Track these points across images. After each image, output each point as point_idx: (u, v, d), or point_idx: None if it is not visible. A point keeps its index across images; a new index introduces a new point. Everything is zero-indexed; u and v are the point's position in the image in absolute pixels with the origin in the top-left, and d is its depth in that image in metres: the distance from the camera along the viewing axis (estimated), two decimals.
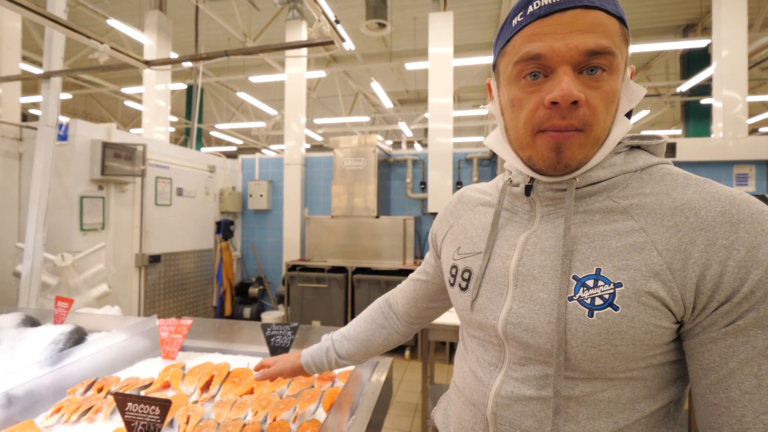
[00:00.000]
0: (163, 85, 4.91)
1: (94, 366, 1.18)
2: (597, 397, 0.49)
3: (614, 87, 0.48)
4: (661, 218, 0.47)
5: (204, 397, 1.04)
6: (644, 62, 7.61)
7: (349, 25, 5.90)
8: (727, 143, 3.75)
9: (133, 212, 3.40)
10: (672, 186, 0.49)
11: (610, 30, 0.46)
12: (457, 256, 0.64)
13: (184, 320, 1.32)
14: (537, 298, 0.51)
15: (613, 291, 0.46)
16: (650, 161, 0.52)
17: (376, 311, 0.89)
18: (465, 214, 0.69)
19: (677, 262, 0.44)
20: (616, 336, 0.46)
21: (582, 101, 0.46)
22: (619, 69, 0.48)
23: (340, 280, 3.86)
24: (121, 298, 3.26)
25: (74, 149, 2.87)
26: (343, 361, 0.88)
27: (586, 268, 0.49)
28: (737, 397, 0.42)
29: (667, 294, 0.44)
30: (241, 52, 1.59)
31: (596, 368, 0.48)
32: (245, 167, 5.09)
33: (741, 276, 0.41)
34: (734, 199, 0.45)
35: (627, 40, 0.49)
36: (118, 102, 9.51)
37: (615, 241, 0.48)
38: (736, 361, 0.42)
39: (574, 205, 0.53)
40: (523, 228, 0.57)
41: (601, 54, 0.46)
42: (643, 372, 0.48)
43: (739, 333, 0.42)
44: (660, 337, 0.46)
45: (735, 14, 3.86)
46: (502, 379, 0.55)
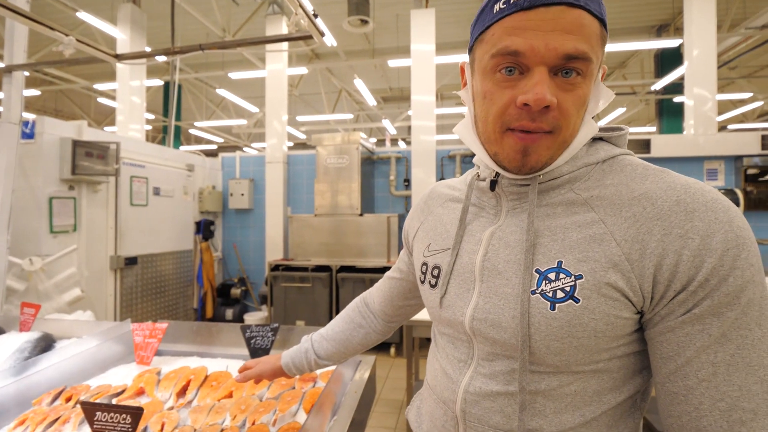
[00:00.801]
0: (138, 82, 4.76)
1: (63, 374, 1.12)
2: (563, 391, 0.49)
3: (586, 91, 0.47)
4: (620, 209, 0.47)
5: (180, 402, 1.00)
6: (620, 61, 7.79)
7: (331, 21, 5.83)
8: (698, 140, 3.87)
9: (107, 213, 3.28)
10: (631, 177, 0.49)
11: (591, 32, 0.45)
12: (428, 253, 0.64)
13: (160, 324, 1.28)
14: (502, 292, 0.51)
15: (574, 283, 0.46)
16: (612, 153, 0.52)
17: (354, 311, 0.89)
18: (435, 210, 0.68)
19: (635, 253, 0.44)
20: (577, 328, 0.46)
21: (554, 105, 0.45)
22: (593, 73, 0.47)
23: (324, 279, 3.83)
24: (95, 303, 3.14)
25: (42, 148, 2.75)
26: (323, 361, 0.87)
27: (548, 261, 0.49)
28: (694, 385, 0.43)
29: (626, 284, 0.44)
30: (216, 46, 1.54)
31: (560, 361, 0.48)
32: (225, 166, 4.99)
33: (696, 264, 0.42)
34: (689, 188, 0.45)
35: (605, 42, 0.48)
36: (91, 99, 9.18)
37: (576, 233, 0.48)
38: (693, 349, 0.42)
39: (537, 199, 0.53)
40: (490, 223, 0.57)
41: (579, 59, 0.45)
42: (608, 364, 0.48)
43: (696, 321, 0.42)
44: (621, 327, 0.46)
45: (705, 15, 3.99)
46: (470, 375, 0.55)
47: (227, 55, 7.34)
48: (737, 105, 8.81)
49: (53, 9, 5.49)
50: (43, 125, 2.76)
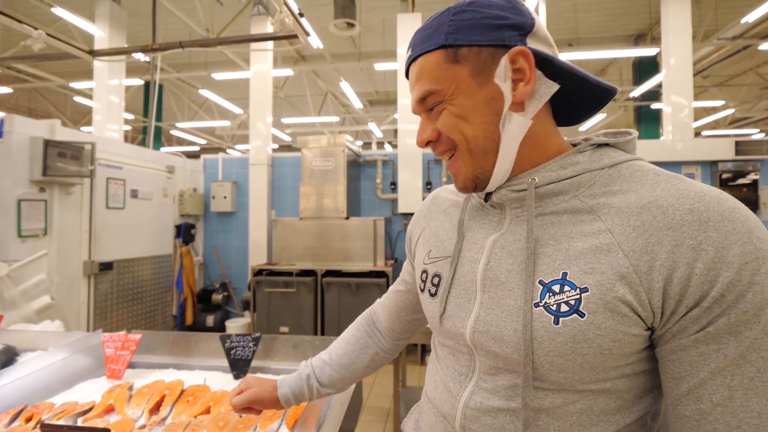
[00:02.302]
0: (116, 80, 4.61)
1: (25, 391, 1.04)
2: (568, 409, 0.46)
3: (456, 110, 0.50)
4: (628, 218, 0.44)
5: (153, 420, 0.94)
6: (600, 69, 7.98)
7: (317, 23, 5.79)
8: (676, 145, 3.99)
9: (81, 216, 3.14)
10: (641, 183, 0.46)
11: (431, 69, 0.50)
12: (428, 260, 0.62)
13: (132, 334, 1.21)
14: (504, 304, 0.49)
15: (579, 296, 0.44)
16: (618, 158, 0.50)
17: (359, 330, 0.82)
18: (437, 216, 0.66)
19: (643, 264, 0.42)
20: (582, 344, 0.43)
21: (434, 137, 0.53)
22: (455, 94, 0.50)
23: (309, 284, 3.76)
24: (66, 311, 3.00)
25: (10, 147, 2.61)
26: (326, 389, 0.78)
27: (553, 273, 0.46)
28: (708, 410, 0.40)
29: (635, 298, 0.42)
30: (197, 44, 1.48)
31: (565, 379, 0.45)
32: (207, 167, 4.87)
33: (710, 279, 0.39)
34: (704, 195, 0.42)
35: (458, 58, 0.49)
36: (68, 98, 8.88)
37: (581, 242, 0.46)
38: (708, 370, 0.40)
39: (541, 206, 0.51)
40: (493, 230, 0.55)
41: (426, 98, 0.52)
42: (616, 383, 0.46)
43: (711, 340, 0.39)
44: (630, 345, 0.43)
45: (681, 26, 4.12)
46: (471, 389, 0.52)
47: (211, 55, 7.21)
48: (710, 112, 9.14)
49: (27, 4, 5.29)
50: (12, 124, 2.62)
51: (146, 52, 1.56)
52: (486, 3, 0.49)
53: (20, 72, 7.20)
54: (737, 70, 7.87)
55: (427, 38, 0.51)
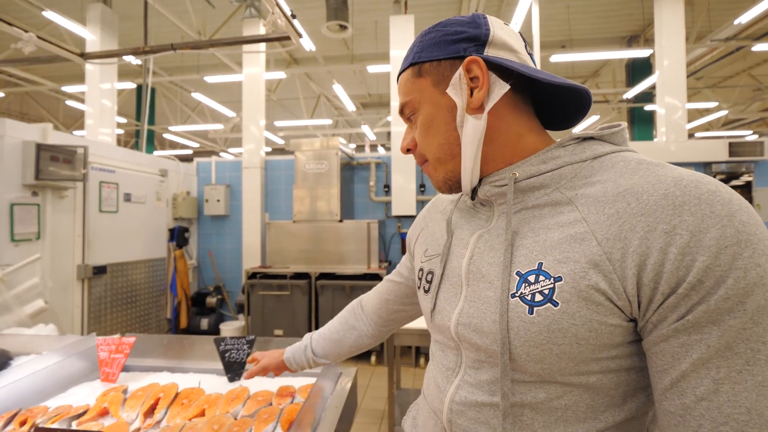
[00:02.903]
0: (108, 84, 4.58)
1: (19, 395, 1.04)
2: (553, 404, 0.46)
3: (423, 120, 0.56)
4: (604, 206, 0.44)
5: (148, 423, 0.94)
6: (593, 70, 8.06)
7: (309, 26, 5.80)
8: (670, 147, 4.02)
9: (74, 220, 3.12)
10: (621, 172, 0.45)
11: (405, 82, 0.57)
12: (424, 259, 0.65)
13: (127, 338, 1.20)
14: (484, 296, 0.50)
15: (552, 286, 0.44)
16: (601, 150, 0.49)
17: (350, 312, 0.92)
18: (435, 216, 0.69)
19: (617, 252, 0.41)
20: (557, 334, 0.43)
21: (412, 146, 0.59)
22: (421, 102, 0.56)
23: (303, 287, 3.76)
24: (60, 315, 2.97)
25: (2, 152, 2.59)
26: (320, 359, 0.92)
27: (529, 263, 0.46)
28: (692, 404, 0.37)
29: (609, 286, 0.41)
30: (189, 46, 1.48)
31: (542, 369, 0.45)
32: (201, 171, 4.85)
33: (686, 264, 0.37)
34: (681, 180, 0.41)
35: (421, 73, 0.55)
36: (60, 102, 8.82)
37: (557, 233, 0.46)
38: (689, 361, 0.38)
39: (523, 200, 0.52)
40: (481, 226, 0.57)
41: (405, 109, 0.58)
42: (601, 378, 0.44)
43: (691, 329, 0.37)
44: (608, 336, 0.42)
45: (674, 27, 4.16)
46: (457, 384, 0.53)
47: (203, 58, 7.19)
48: (704, 114, 9.24)
49: (17, 8, 5.25)
50: (4, 128, 2.61)
51: (138, 55, 1.56)
52: (448, 22, 0.54)
53: (12, 76, 7.13)
54: (730, 71, 7.96)
55: (405, 59, 0.58)
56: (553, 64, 7.43)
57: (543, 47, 5.71)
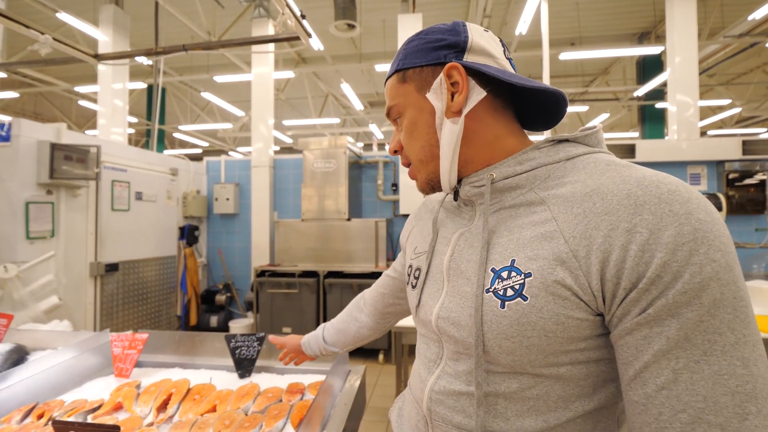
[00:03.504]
0: (120, 84, 4.65)
1: (36, 389, 1.06)
2: (525, 394, 0.48)
3: (408, 123, 0.59)
4: (572, 206, 0.46)
5: (161, 418, 0.96)
6: (603, 68, 7.96)
7: (317, 25, 5.81)
8: (681, 145, 3.95)
9: (87, 218, 3.18)
10: (590, 173, 0.48)
11: (390, 88, 0.60)
12: (413, 256, 0.68)
13: (139, 334, 1.22)
14: (462, 292, 0.53)
15: (523, 281, 0.46)
16: (575, 152, 0.52)
17: (354, 304, 0.97)
18: (424, 215, 0.72)
19: (582, 249, 0.43)
20: (526, 327, 0.45)
21: (398, 148, 0.62)
22: (406, 107, 0.59)
23: (312, 285, 3.78)
24: (73, 311, 3.03)
25: (18, 151, 2.65)
26: (330, 347, 0.97)
27: (503, 260, 0.49)
28: (654, 393, 0.39)
29: (575, 282, 0.43)
30: (200, 46, 1.50)
31: (513, 361, 0.47)
32: (210, 170, 4.90)
33: (645, 260, 0.39)
34: (644, 180, 0.43)
35: (405, 79, 0.58)
36: (72, 102, 8.95)
37: (529, 231, 0.49)
38: (650, 353, 0.39)
39: (501, 200, 0.54)
40: (463, 225, 0.59)
41: (391, 112, 0.61)
42: (571, 369, 0.46)
43: (652, 323, 0.39)
44: (575, 329, 0.44)
45: (687, 23, 4.09)
46: (437, 375, 0.56)
47: (212, 58, 7.26)
48: (716, 111, 9.08)
49: (31, 9, 5.35)
50: (20, 128, 2.66)
51: (150, 56, 1.58)
52: (430, 30, 0.57)
53: (26, 77, 7.27)
54: (744, 68, 7.79)
55: (391, 65, 0.61)
56: (562, 62, 7.36)
57: (552, 45, 5.66)
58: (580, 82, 8.44)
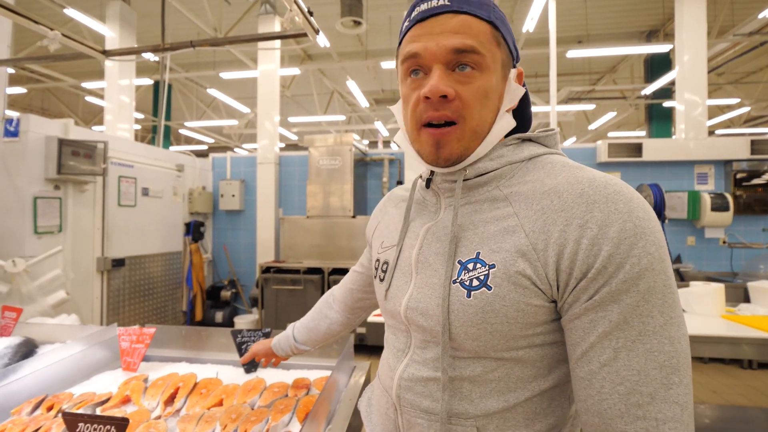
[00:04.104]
0: (127, 80, 4.67)
1: (45, 381, 1.07)
2: (487, 377, 0.51)
3: (485, 84, 0.52)
4: (532, 202, 0.50)
5: (168, 411, 0.96)
6: (611, 66, 7.89)
7: (324, 22, 5.80)
8: (689, 144, 3.92)
9: (94, 213, 3.20)
10: (548, 173, 0.52)
11: (478, 32, 0.51)
12: (380, 250, 0.68)
13: (147, 328, 1.23)
14: (430, 283, 0.55)
15: (487, 272, 0.49)
16: (536, 152, 0.56)
17: (323, 301, 0.97)
18: (390, 210, 0.73)
19: (540, 243, 0.47)
20: (490, 314, 0.49)
21: (451, 95, 0.50)
22: (491, 68, 0.52)
23: (316, 282, 3.79)
24: (81, 306, 3.06)
25: (26, 146, 2.67)
26: (300, 346, 0.97)
27: (469, 253, 0.52)
28: (597, 369, 0.44)
29: (534, 273, 0.47)
30: (208, 42, 1.50)
31: (478, 346, 0.50)
32: (216, 166, 4.92)
33: (594, 252, 0.44)
34: (594, 181, 0.47)
35: (500, 43, 0.53)
36: (79, 98, 9.01)
37: (494, 226, 0.52)
38: (596, 334, 0.44)
39: (467, 196, 0.57)
40: (430, 219, 0.61)
41: (467, 52, 0.50)
42: (528, 352, 0.50)
43: (598, 308, 0.44)
44: (533, 315, 0.48)
45: (696, 21, 4.04)
46: (406, 363, 0.58)
47: (218, 55, 7.27)
48: (724, 110, 8.98)
49: (39, 5, 5.38)
50: (28, 123, 2.68)
51: (157, 52, 1.59)
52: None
53: (34, 72, 7.32)
54: (753, 66, 7.69)
55: (477, 5, 0.52)
56: (569, 60, 7.30)
57: (559, 42, 5.61)
58: (587, 80, 8.37)
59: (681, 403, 0.41)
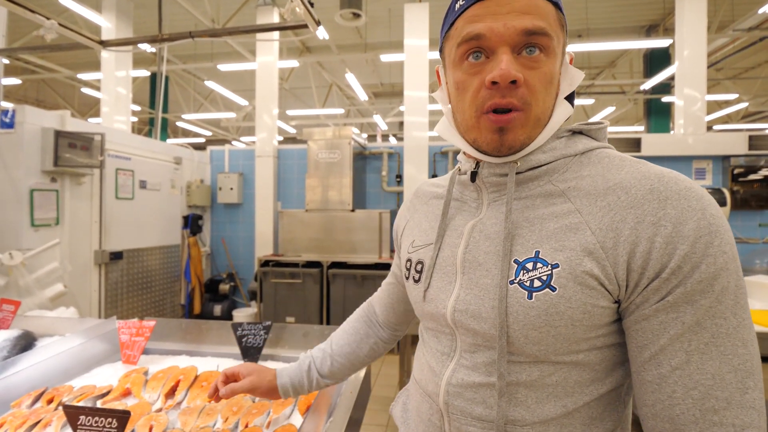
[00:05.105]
0: (123, 71, 4.62)
1: (44, 374, 1.07)
2: (545, 382, 0.49)
3: (551, 69, 0.49)
4: (595, 199, 0.48)
5: (169, 404, 0.97)
6: (610, 60, 7.86)
7: (323, 14, 5.73)
8: (687, 139, 3.92)
9: (91, 206, 3.18)
10: (607, 168, 0.50)
11: (546, 12, 0.48)
12: (411, 250, 0.65)
13: (147, 321, 1.23)
14: (482, 284, 0.52)
15: (550, 272, 0.47)
16: (590, 145, 0.53)
17: (359, 321, 0.84)
18: (420, 208, 0.69)
19: (609, 241, 0.45)
20: (554, 317, 0.46)
21: (521, 81, 0.47)
22: (556, 52, 0.49)
23: (315, 275, 3.79)
24: (79, 299, 3.06)
25: (23, 138, 2.64)
26: (325, 380, 0.80)
27: (526, 251, 0.49)
28: (668, 373, 0.43)
29: (602, 272, 0.45)
30: (207, 33, 1.48)
31: (539, 351, 0.48)
32: (214, 159, 4.89)
33: (668, 251, 0.42)
34: (663, 177, 0.45)
35: (563, 25, 0.51)
36: (75, 89, 8.92)
37: (553, 223, 0.49)
38: (667, 337, 0.43)
39: (517, 191, 0.54)
40: (472, 216, 0.58)
41: (538, 34, 0.47)
42: (587, 355, 0.49)
43: (670, 309, 0.42)
44: (599, 317, 0.46)
45: (696, 16, 4.03)
46: (453, 368, 0.55)
47: (216, 46, 7.19)
48: (723, 106, 8.98)
49: None
50: (24, 114, 2.65)
51: (155, 43, 1.57)
52: None
53: (28, 63, 7.23)
54: (752, 62, 7.68)
55: None
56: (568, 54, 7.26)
57: None
58: (587, 74, 8.35)
59: (757, 408, 0.40)
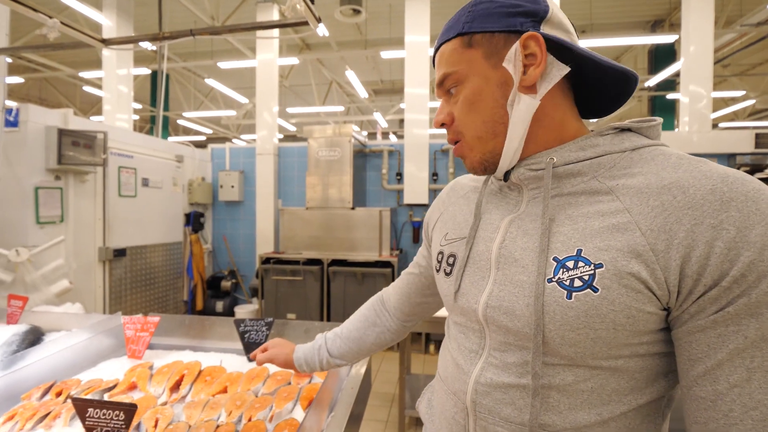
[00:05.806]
0: (125, 70, 4.64)
1: (53, 368, 1.10)
2: (579, 387, 0.47)
3: (468, 91, 0.53)
4: (647, 198, 0.44)
5: (174, 398, 0.99)
6: (614, 56, 7.82)
7: (323, 10, 5.73)
8: (693, 137, 3.89)
9: (94, 204, 3.21)
10: (662, 166, 0.46)
11: (450, 53, 0.54)
12: (444, 242, 0.64)
13: (151, 317, 1.25)
14: (517, 280, 0.50)
15: (593, 272, 0.44)
16: (640, 142, 0.50)
17: (369, 309, 0.87)
18: (456, 201, 0.68)
19: (661, 243, 0.42)
20: (595, 319, 0.44)
21: (447, 121, 0.57)
22: (468, 74, 0.53)
23: (316, 273, 3.81)
24: (84, 295, 3.09)
25: (26, 136, 2.67)
26: (335, 360, 0.85)
27: (567, 250, 0.47)
28: (725, 390, 0.39)
29: (650, 276, 0.42)
30: (208, 31, 1.49)
31: (575, 353, 0.46)
32: (215, 157, 4.91)
33: (730, 258, 0.38)
34: (727, 177, 0.41)
35: (471, 42, 0.52)
36: (77, 87, 8.94)
37: (597, 221, 0.46)
38: (726, 351, 0.39)
39: (558, 187, 0.51)
40: (510, 211, 0.56)
41: (446, 79, 0.55)
42: (628, 362, 0.46)
43: (730, 321, 0.39)
44: (644, 323, 0.43)
45: (703, 11, 3.96)
46: (481, 366, 0.53)
47: (216, 44, 7.19)
48: (729, 103, 8.91)
49: None
50: (28, 113, 2.67)
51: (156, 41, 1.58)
52: None
53: (31, 62, 7.25)
54: (759, 58, 7.57)
55: (448, 29, 0.55)
56: None
57: None
58: None
59: None
